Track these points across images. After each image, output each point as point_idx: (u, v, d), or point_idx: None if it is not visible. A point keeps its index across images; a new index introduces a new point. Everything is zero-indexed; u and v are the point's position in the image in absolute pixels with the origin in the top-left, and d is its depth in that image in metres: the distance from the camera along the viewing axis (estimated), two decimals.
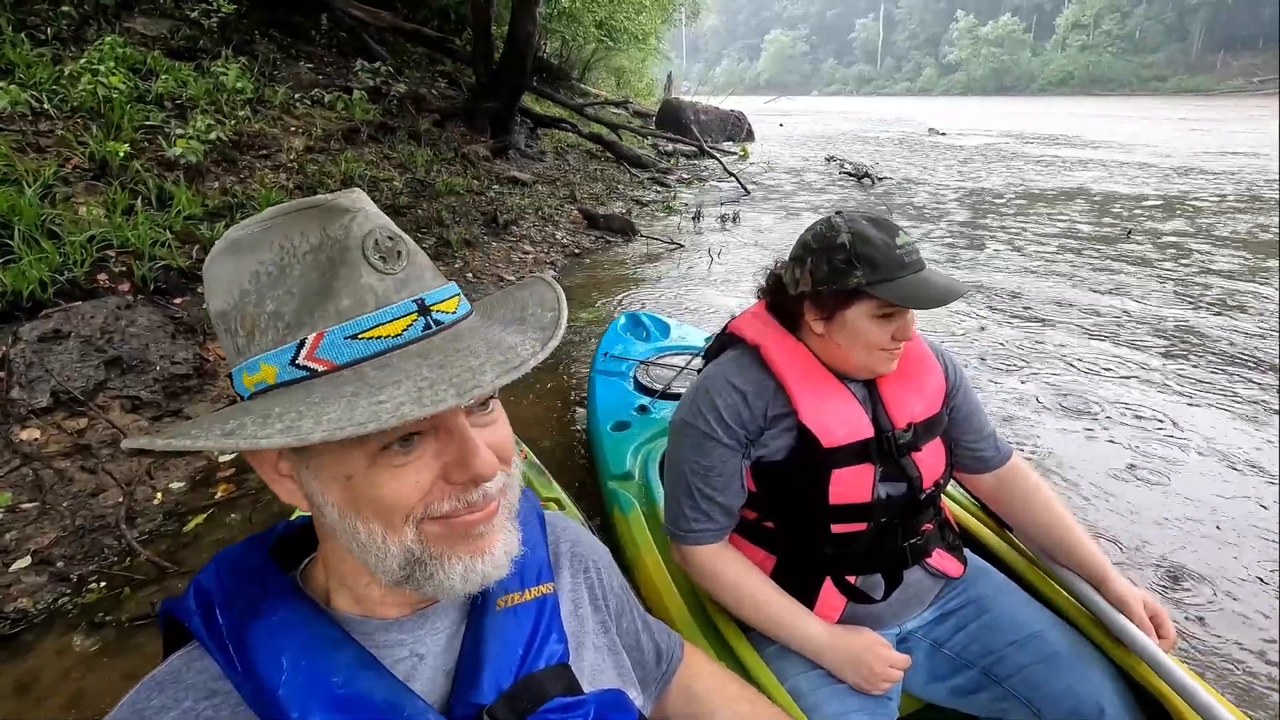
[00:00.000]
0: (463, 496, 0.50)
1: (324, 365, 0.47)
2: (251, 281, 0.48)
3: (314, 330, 0.47)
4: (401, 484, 0.48)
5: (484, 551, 0.52)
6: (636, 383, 2.36)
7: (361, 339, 0.47)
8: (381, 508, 0.49)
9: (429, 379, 0.44)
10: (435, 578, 0.51)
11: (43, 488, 2.23)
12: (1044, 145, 17.32)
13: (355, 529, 0.50)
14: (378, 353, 0.47)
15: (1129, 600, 1.12)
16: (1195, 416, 3.11)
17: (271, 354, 0.47)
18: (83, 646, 1.75)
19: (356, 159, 5.52)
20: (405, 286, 0.49)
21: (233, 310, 0.48)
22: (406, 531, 0.50)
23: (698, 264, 5.76)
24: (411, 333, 0.48)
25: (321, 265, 0.47)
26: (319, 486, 0.50)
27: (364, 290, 0.47)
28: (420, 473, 0.49)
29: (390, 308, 0.48)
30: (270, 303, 0.47)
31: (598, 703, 0.61)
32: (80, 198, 3.51)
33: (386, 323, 0.47)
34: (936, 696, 1.21)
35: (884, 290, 1.05)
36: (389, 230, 0.50)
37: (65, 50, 4.61)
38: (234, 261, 0.48)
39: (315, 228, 0.48)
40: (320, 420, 0.42)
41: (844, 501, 1.11)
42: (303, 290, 0.47)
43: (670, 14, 18.94)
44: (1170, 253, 6.16)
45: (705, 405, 1.14)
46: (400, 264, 0.49)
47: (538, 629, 0.61)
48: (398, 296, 0.48)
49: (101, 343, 2.68)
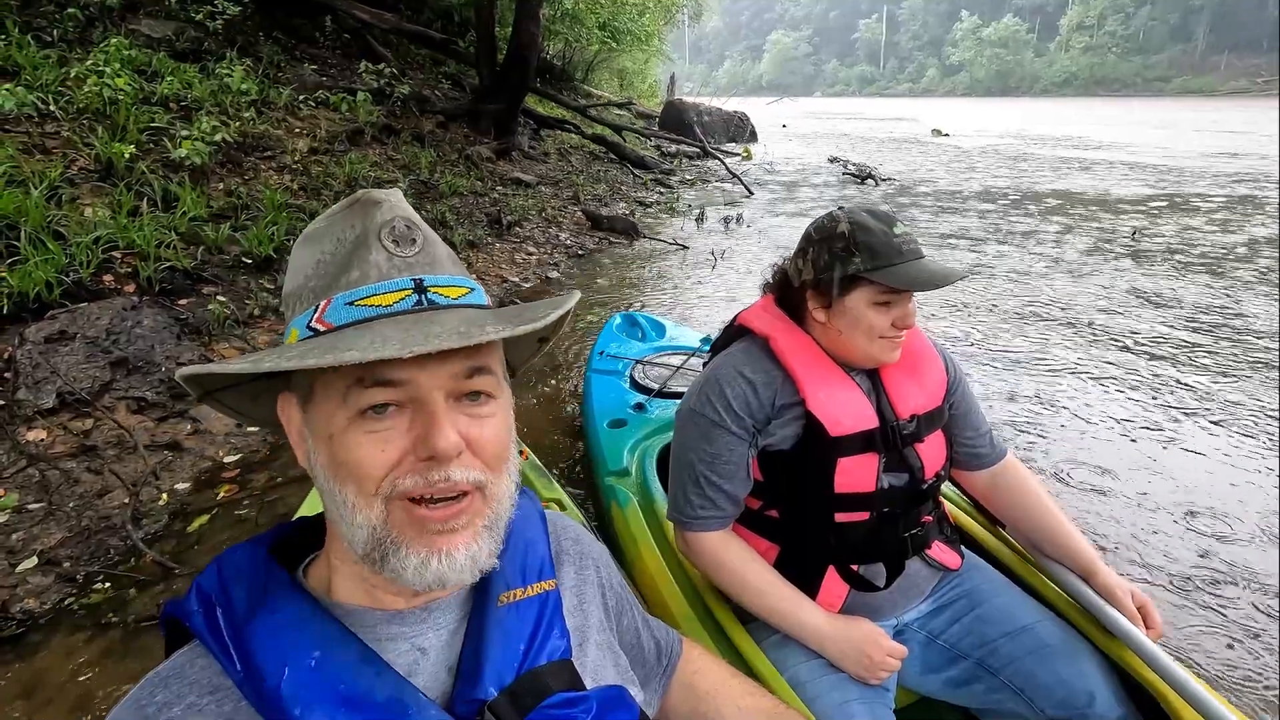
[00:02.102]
0: (425, 474, 0.50)
1: (325, 326, 0.52)
2: (314, 267, 0.54)
3: (326, 298, 0.53)
4: (370, 449, 0.50)
5: (442, 550, 0.51)
6: (633, 381, 2.37)
7: (357, 305, 0.51)
8: (353, 471, 0.50)
9: (388, 336, 0.48)
10: (390, 563, 0.51)
11: (49, 488, 2.23)
12: (1048, 146, 17.30)
13: (334, 491, 0.52)
14: (366, 318, 0.51)
15: (1117, 593, 1.15)
16: (1196, 416, 3.11)
17: (298, 318, 0.54)
18: (89, 647, 1.75)
19: (360, 160, 5.53)
20: (411, 269, 0.53)
21: (294, 291, 0.56)
22: (375, 505, 0.50)
23: (702, 265, 5.76)
24: (402, 306, 0.52)
25: (348, 246, 0.54)
26: (313, 444, 0.53)
27: (370, 266, 0.52)
28: (389, 442, 0.50)
29: (388, 281, 0.52)
30: (314, 281, 0.54)
31: (600, 699, 0.61)
32: (86, 199, 3.52)
33: (381, 294, 0.52)
34: (931, 689, 1.23)
35: (881, 276, 1.08)
36: (409, 220, 0.55)
37: (71, 52, 4.63)
38: (304, 251, 0.56)
39: (359, 219, 0.54)
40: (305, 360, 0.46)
41: (849, 490, 1.13)
42: (331, 271, 0.53)
43: (673, 15, 18.96)
44: (1175, 253, 6.15)
45: (714, 394, 1.16)
46: (412, 249, 0.54)
47: (540, 625, 0.61)
48: (399, 274, 0.53)
49: (107, 344, 2.69)
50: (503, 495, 0.56)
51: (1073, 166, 12.92)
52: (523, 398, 3.17)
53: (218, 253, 3.61)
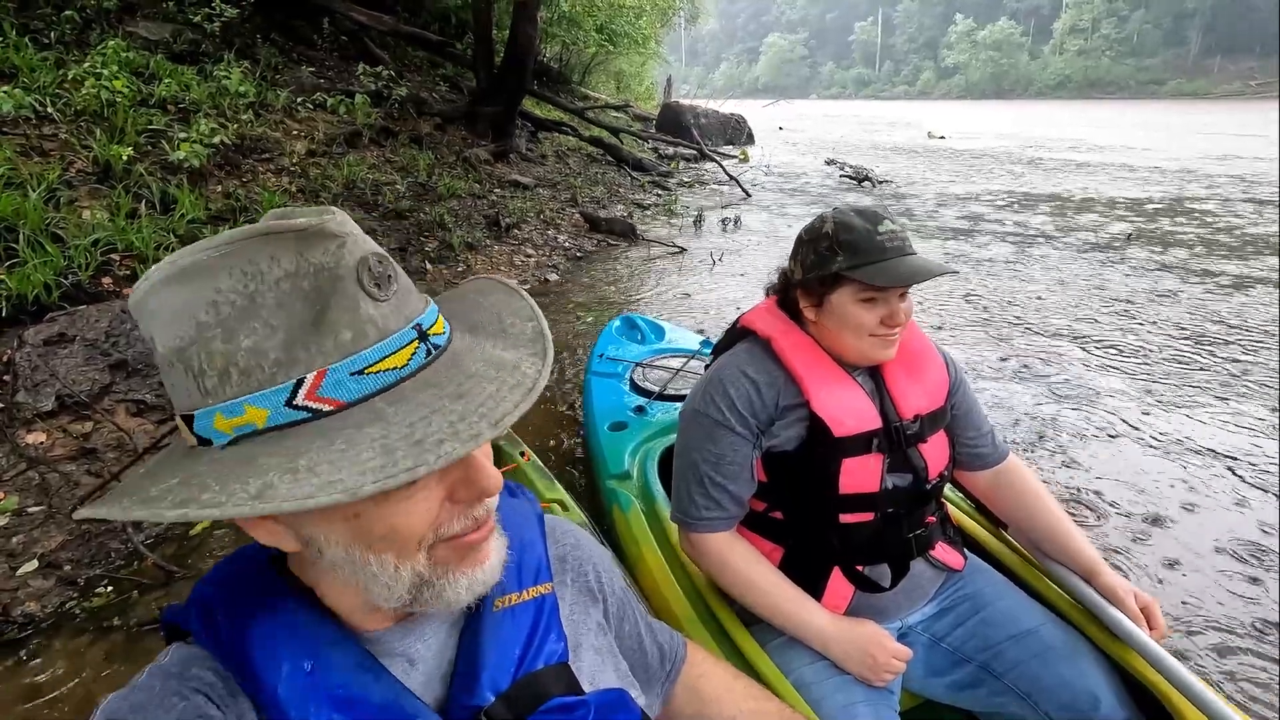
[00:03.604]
0: (470, 514, 0.51)
1: (330, 405, 0.44)
2: (209, 313, 0.43)
3: (311, 368, 0.43)
4: (413, 514, 0.48)
5: (483, 562, 0.53)
6: (633, 384, 2.37)
7: (369, 373, 0.44)
8: (394, 539, 0.48)
9: (456, 411, 0.44)
10: (444, 596, 0.51)
11: (48, 491, 2.23)
12: (1043, 149, 17.37)
13: (365, 561, 0.48)
14: (386, 386, 0.45)
15: (1121, 594, 1.15)
16: (1196, 415, 3.13)
17: (259, 395, 0.43)
18: (90, 651, 1.75)
19: (358, 163, 5.53)
20: (400, 312, 0.47)
21: (192, 346, 0.43)
22: (419, 557, 0.50)
23: (700, 267, 5.77)
24: (416, 361, 0.47)
25: (305, 294, 0.43)
26: (320, 527, 0.48)
27: (364, 322, 0.45)
28: (429, 500, 0.49)
29: (393, 338, 0.46)
30: (245, 337, 0.43)
31: (598, 703, 0.61)
32: (84, 201, 3.52)
33: (392, 353, 0.45)
34: (935, 692, 1.23)
35: (860, 273, 1.09)
36: (378, 253, 0.47)
37: (69, 54, 4.62)
38: (184, 290, 0.43)
39: (289, 253, 0.43)
40: (365, 470, 0.40)
41: (853, 491, 1.13)
42: (287, 323, 0.43)
43: (669, 18, 18.99)
44: (1172, 255, 6.18)
45: (719, 394, 1.16)
46: (393, 288, 0.47)
47: (536, 629, 0.61)
48: (396, 324, 0.46)
49: (106, 346, 2.69)
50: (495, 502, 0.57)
51: (1067, 169, 12.98)
52: None
53: None
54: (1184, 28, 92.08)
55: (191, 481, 0.42)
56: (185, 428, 0.46)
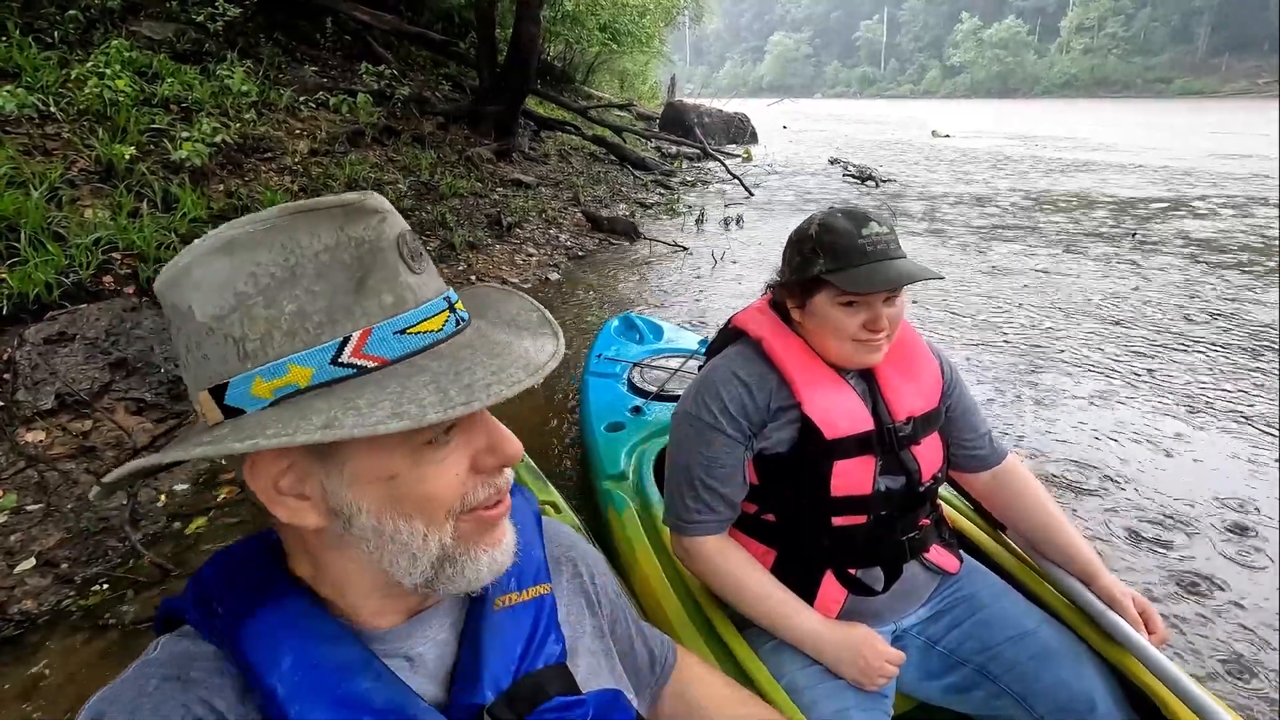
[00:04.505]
0: (493, 482, 0.53)
1: (375, 361, 0.46)
2: (250, 284, 0.45)
3: (356, 327, 0.46)
4: (445, 477, 0.50)
5: (501, 541, 0.54)
6: (630, 384, 2.36)
7: (410, 334, 0.48)
8: (427, 504, 0.50)
9: (495, 364, 0.47)
10: (465, 572, 0.52)
11: (47, 490, 2.23)
12: (1048, 147, 17.29)
13: (396, 530, 0.49)
14: (426, 346, 0.48)
15: (1119, 598, 1.14)
16: (1195, 416, 3.11)
17: (304, 354, 0.45)
18: (87, 649, 1.75)
19: (361, 162, 5.54)
20: (430, 284, 0.51)
21: (233, 314, 0.45)
22: (447, 526, 0.51)
23: (702, 266, 5.76)
24: (449, 328, 0.50)
25: (346, 265, 0.46)
26: (352, 494, 0.48)
27: (404, 288, 0.48)
28: (458, 464, 0.51)
29: (427, 305, 0.49)
30: (288, 303, 0.45)
31: (596, 702, 0.61)
32: (86, 200, 3.53)
33: (430, 317, 0.49)
34: (930, 695, 1.22)
35: (836, 277, 1.07)
36: (411, 231, 0.51)
37: (72, 54, 4.64)
38: (227, 262, 0.45)
39: (329, 228, 0.47)
40: (424, 405, 0.43)
41: (846, 494, 1.12)
42: (329, 289, 0.46)
43: (673, 17, 18.97)
44: (1174, 254, 6.14)
45: (710, 397, 1.15)
46: (425, 264, 0.51)
47: (536, 629, 0.61)
48: (429, 295, 0.50)
49: (107, 345, 2.69)
50: None
51: (1072, 167, 12.92)
52: (519, 400, 3.16)
53: None
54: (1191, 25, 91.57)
55: (244, 427, 0.44)
56: (212, 403, 0.47)
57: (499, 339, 0.52)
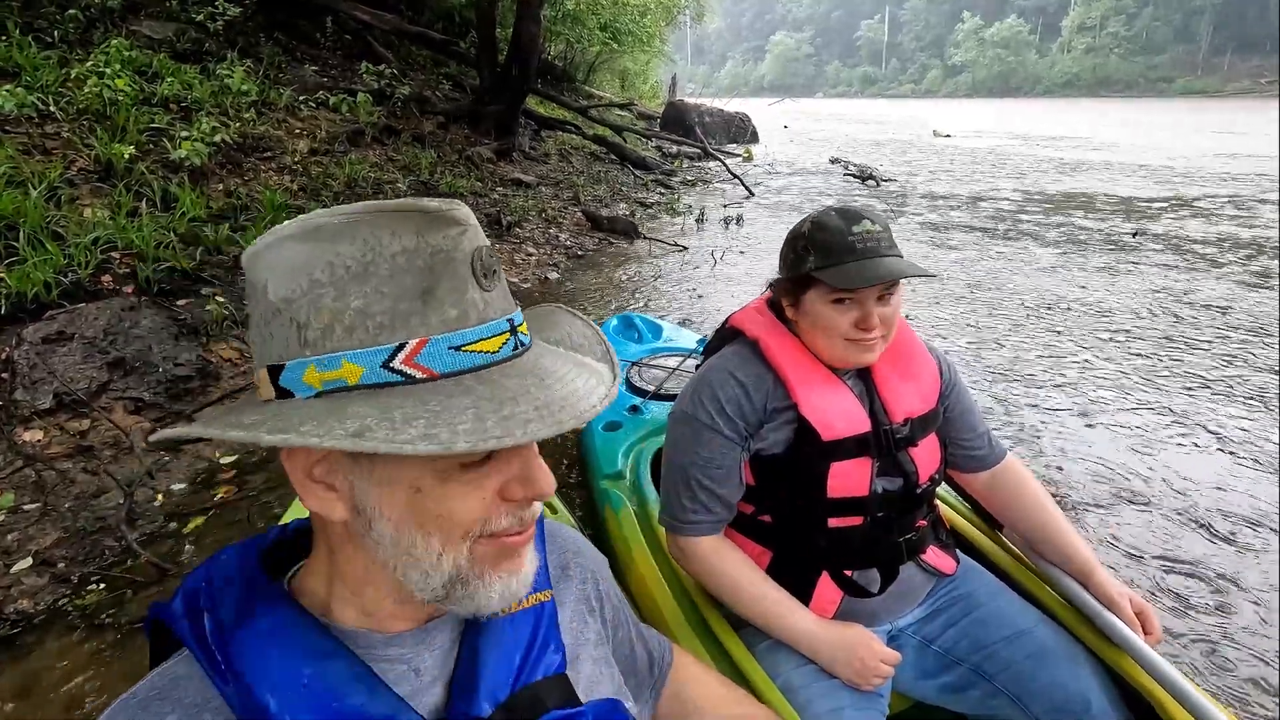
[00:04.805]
0: (518, 513, 0.51)
1: (424, 373, 0.46)
2: (325, 272, 0.45)
3: (414, 335, 0.45)
4: (470, 500, 0.49)
5: (519, 569, 0.53)
6: (628, 383, 2.36)
7: (464, 351, 0.47)
8: (446, 523, 0.49)
9: (540, 399, 0.46)
10: (476, 596, 0.51)
11: (45, 489, 2.23)
12: (1049, 147, 17.27)
13: (412, 543, 0.49)
14: (477, 366, 0.47)
15: (1116, 598, 1.14)
16: (1196, 416, 3.10)
17: (360, 353, 0.45)
18: (83, 648, 1.75)
19: (360, 161, 5.54)
20: (497, 304, 0.50)
21: (303, 299, 0.46)
22: (463, 548, 0.50)
23: (701, 265, 5.75)
24: (505, 351, 0.49)
25: (419, 271, 0.46)
26: (377, 496, 0.48)
27: (469, 304, 0.47)
28: (485, 489, 0.50)
29: (489, 324, 0.48)
30: (355, 299, 0.45)
31: (595, 713, 0.60)
32: (85, 200, 3.53)
33: (488, 338, 0.48)
34: (926, 694, 1.22)
35: (825, 274, 1.07)
36: (489, 248, 0.50)
37: (72, 53, 4.64)
38: (309, 248, 0.46)
39: (410, 231, 0.46)
40: (456, 431, 0.42)
41: (842, 495, 1.12)
42: (396, 292, 0.45)
43: (674, 16, 18.96)
44: (1175, 253, 6.13)
45: (707, 397, 1.14)
46: (497, 282, 0.50)
47: (535, 638, 0.60)
48: (494, 314, 0.49)
49: (105, 344, 2.69)
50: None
51: (1073, 167, 12.90)
52: None
53: (216, 253, 3.61)
54: (1193, 24, 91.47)
55: (283, 416, 0.45)
56: (268, 380, 0.47)
57: (555, 369, 0.50)
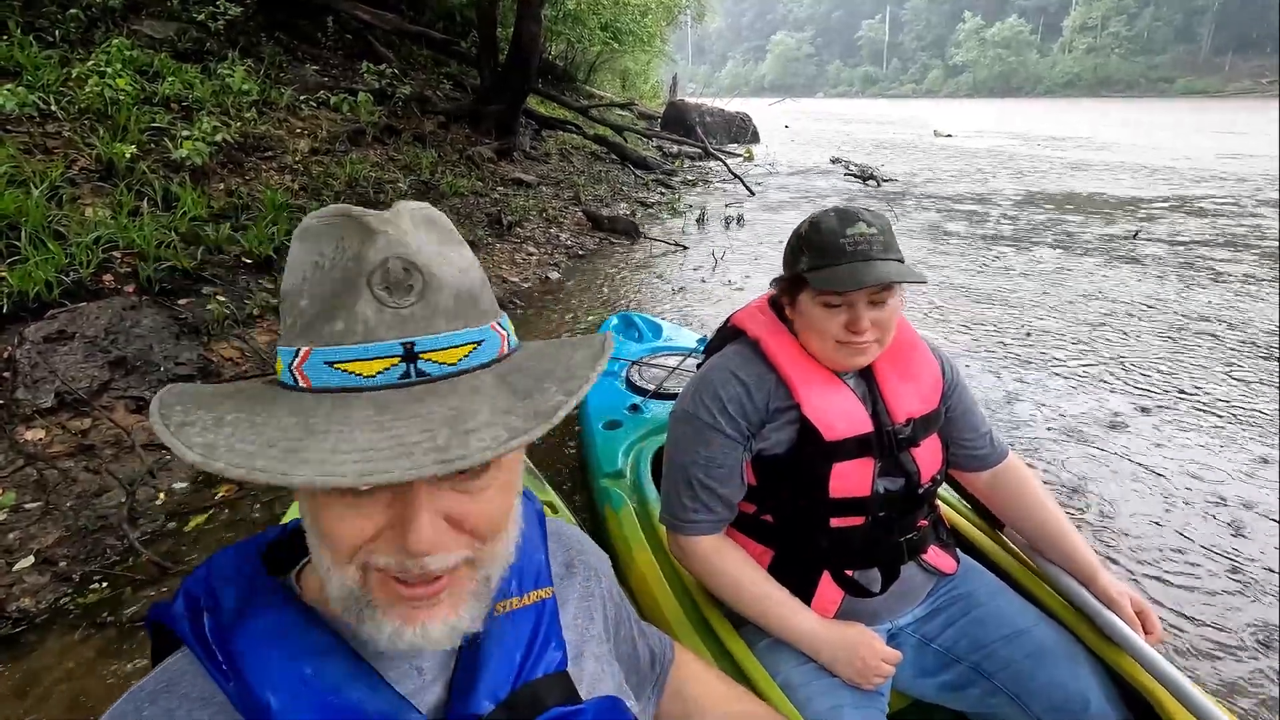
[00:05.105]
0: (399, 558, 0.46)
1: (304, 382, 0.45)
2: (311, 271, 0.47)
3: (307, 343, 0.45)
4: (345, 525, 0.46)
5: (420, 622, 0.48)
6: (628, 382, 2.36)
7: (337, 369, 0.44)
8: (330, 540, 0.47)
9: (366, 444, 0.41)
10: (366, 626, 0.48)
11: (46, 488, 2.24)
12: (1050, 147, 17.26)
13: (316, 551, 0.49)
14: (345, 388, 0.44)
15: (1117, 598, 1.14)
16: (1196, 416, 3.10)
17: (282, 350, 0.48)
18: (84, 647, 1.75)
19: (361, 161, 5.54)
20: (403, 325, 0.45)
21: (290, 294, 0.48)
22: (350, 570, 0.47)
23: (702, 266, 5.75)
24: (385, 378, 0.45)
25: (334, 279, 0.45)
26: (300, 498, 0.50)
27: (356, 318, 0.45)
28: (368, 517, 0.46)
29: (373, 345, 0.44)
30: (304, 299, 0.46)
31: (595, 710, 0.60)
32: (87, 199, 3.53)
33: (365, 360, 0.44)
34: (925, 692, 1.22)
35: (815, 275, 1.07)
36: (407, 260, 0.45)
37: (73, 52, 4.64)
38: (301, 247, 0.48)
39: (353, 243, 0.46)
40: (246, 451, 0.41)
41: (844, 495, 1.12)
42: (316, 299, 0.46)
43: (675, 16, 18.96)
44: (1176, 254, 6.13)
45: (709, 396, 1.14)
46: (407, 299, 0.45)
47: (536, 635, 0.60)
48: (388, 335, 0.45)
49: (106, 343, 2.70)
50: (498, 555, 0.52)
51: (1074, 168, 12.89)
52: None
53: (218, 253, 3.61)
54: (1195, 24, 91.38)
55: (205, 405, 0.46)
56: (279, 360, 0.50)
57: (430, 410, 0.43)
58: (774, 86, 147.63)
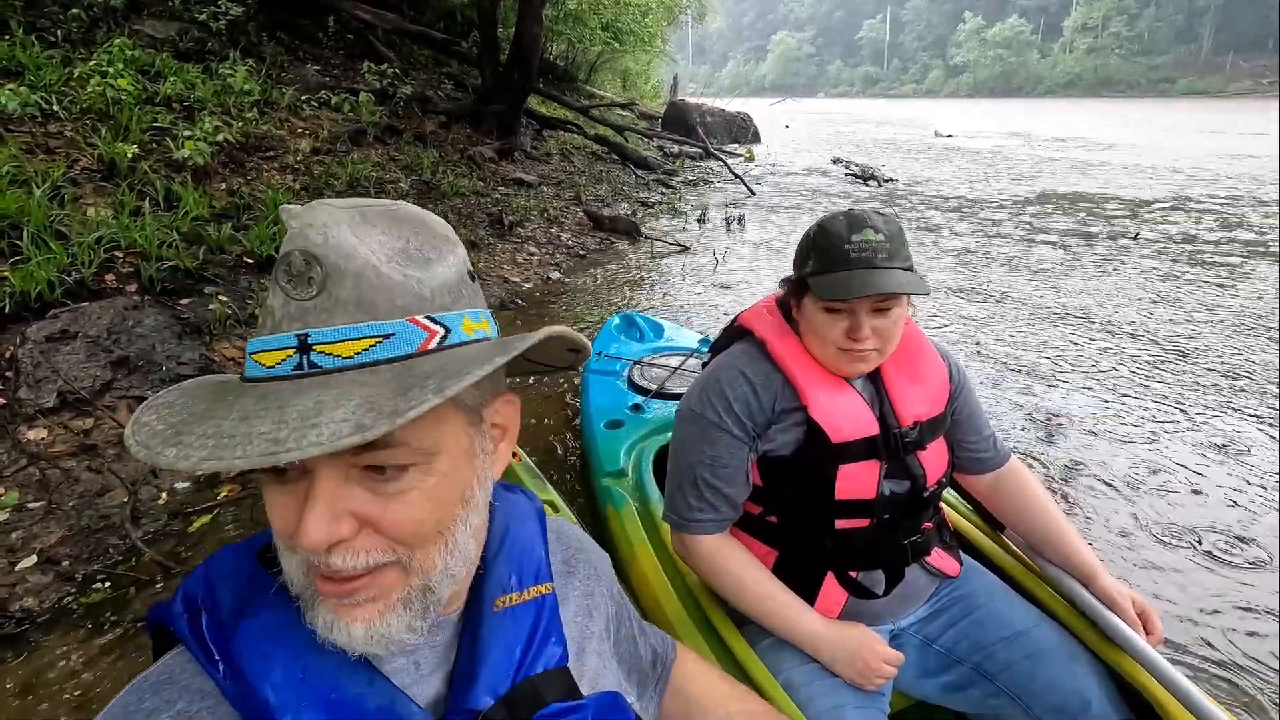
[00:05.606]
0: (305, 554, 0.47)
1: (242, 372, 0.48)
2: None
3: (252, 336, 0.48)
4: (277, 509, 0.47)
5: (346, 620, 0.48)
6: (630, 382, 2.37)
7: (253, 359, 0.46)
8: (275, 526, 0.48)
9: (229, 431, 0.41)
10: (309, 614, 0.49)
11: (49, 487, 2.24)
12: (1051, 148, 17.25)
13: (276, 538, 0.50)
14: (255, 378, 0.46)
15: (1118, 599, 1.14)
16: (1197, 417, 3.10)
17: None
18: (87, 646, 1.76)
19: (362, 161, 5.54)
20: (304, 317, 0.45)
21: None
22: (292, 560, 0.48)
23: (703, 266, 5.76)
24: (281, 369, 0.45)
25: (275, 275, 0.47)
26: None
27: (268, 310, 0.46)
28: (289, 507, 0.46)
29: (274, 336, 0.45)
30: None
31: (595, 706, 0.60)
32: (88, 199, 3.54)
33: (268, 350, 0.45)
34: (927, 693, 1.22)
35: (816, 281, 1.07)
36: (311, 253, 0.45)
37: (75, 52, 4.65)
38: None
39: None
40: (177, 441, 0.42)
41: (850, 497, 1.12)
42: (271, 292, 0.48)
43: (676, 16, 18.96)
44: (1175, 254, 6.13)
45: (715, 395, 1.14)
46: (308, 291, 0.45)
47: (536, 631, 0.60)
48: (288, 326, 0.45)
49: (108, 343, 2.70)
50: (433, 565, 0.50)
51: (1075, 168, 12.89)
52: (521, 397, 3.17)
53: (219, 252, 3.61)
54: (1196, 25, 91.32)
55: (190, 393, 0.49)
56: None
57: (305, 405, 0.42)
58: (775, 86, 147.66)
